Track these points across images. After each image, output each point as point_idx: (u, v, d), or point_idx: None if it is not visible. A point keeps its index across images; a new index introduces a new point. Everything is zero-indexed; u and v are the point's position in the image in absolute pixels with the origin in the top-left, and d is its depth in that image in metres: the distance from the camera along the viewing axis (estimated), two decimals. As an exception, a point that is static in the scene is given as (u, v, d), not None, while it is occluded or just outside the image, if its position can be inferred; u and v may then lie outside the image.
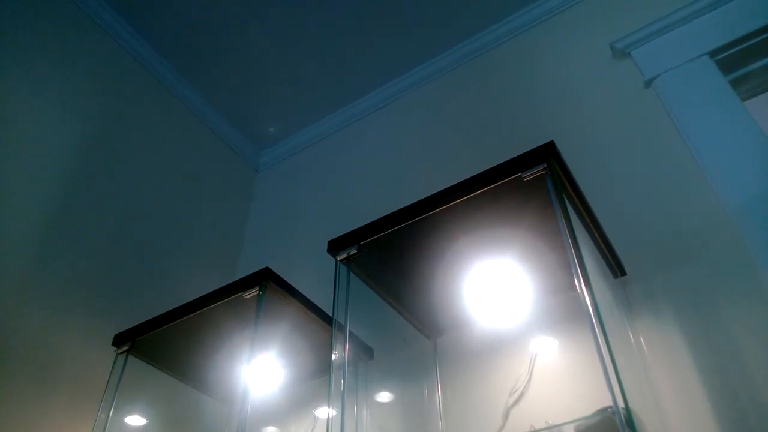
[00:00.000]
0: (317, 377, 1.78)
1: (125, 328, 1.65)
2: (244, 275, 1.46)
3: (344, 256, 1.35)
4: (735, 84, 1.69)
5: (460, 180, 1.22)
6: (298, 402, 1.80)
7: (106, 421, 1.53)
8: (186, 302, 1.53)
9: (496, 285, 1.45)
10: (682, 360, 1.27)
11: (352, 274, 1.36)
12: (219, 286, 1.49)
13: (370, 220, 1.33)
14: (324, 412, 1.69)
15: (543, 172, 1.14)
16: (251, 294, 1.41)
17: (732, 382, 1.19)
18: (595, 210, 1.28)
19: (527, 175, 1.15)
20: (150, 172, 2.23)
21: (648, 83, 1.77)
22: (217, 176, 2.58)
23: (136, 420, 1.74)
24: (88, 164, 1.98)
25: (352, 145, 2.54)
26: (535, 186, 1.16)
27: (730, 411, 1.17)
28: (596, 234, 1.30)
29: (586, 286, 1.01)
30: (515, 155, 1.18)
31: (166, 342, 1.63)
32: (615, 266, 1.41)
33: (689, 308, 1.33)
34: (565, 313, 1.45)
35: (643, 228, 1.51)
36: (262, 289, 1.40)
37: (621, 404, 0.88)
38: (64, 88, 1.99)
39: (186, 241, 2.27)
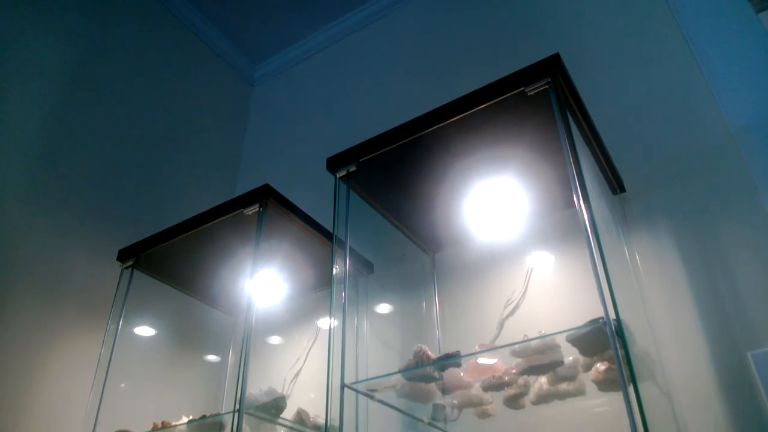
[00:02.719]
0: (319, 290, 1.84)
1: (129, 244, 1.68)
2: (244, 192, 1.46)
3: (343, 173, 1.35)
4: (750, -7, 1.62)
5: (462, 95, 1.20)
6: (300, 314, 1.86)
7: (116, 332, 1.59)
8: (188, 218, 1.55)
9: (494, 202, 1.46)
10: (675, 275, 1.30)
11: (351, 191, 1.37)
12: (219, 203, 1.50)
13: (370, 137, 1.32)
14: (326, 323, 1.76)
15: (546, 86, 1.12)
16: (252, 210, 1.42)
17: (722, 297, 1.23)
18: (597, 126, 1.27)
19: (531, 90, 1.13)
20: (146, 88, 2.19)
21: (659, -7, 1.70)
22: (213, 91, 2.53)
23: (145, 331, 1.81)
24: (83, 82, 1.94)
25: (350, 59, 2.47)
26: (538, 101, 1.14)
27: (718, 325, 1.21)
28: (597, 150, 1.29)
29: (584, 202, 1.02)
30: (519, 69, 1.15)
31: (170, 257, 1.67)
32: (615, 183, 1.41)
33: (686, 226, 1.34)
34: (563, 229, 1.47)
35: (645, 145, 1.50)
36: (263, 205, 1.41)
37: (612, 316, 0.91)
38: (58, 3, 1.92)
39: (185, 157, 2.26)
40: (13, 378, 1.45)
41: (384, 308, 1.71)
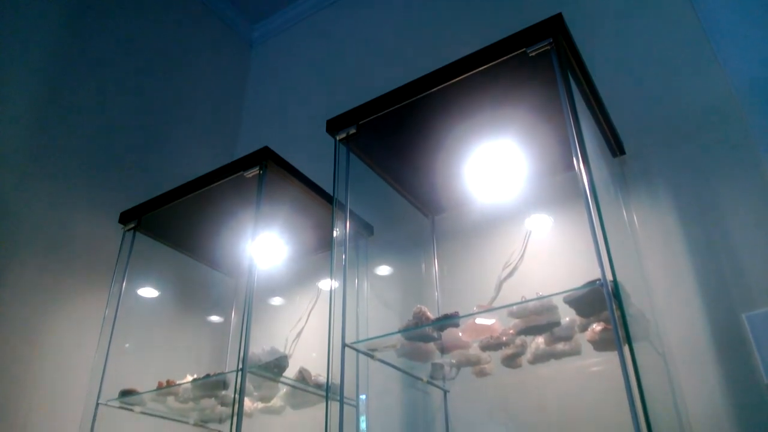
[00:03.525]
0: (319, 252, 1.85)
1: (130, 207, 1.69)
2: (244, 155, 1.46)
3: (343, 135, 1.35)
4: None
5: (463, 56, 1.19)
6: (301, 275, 1.88)
7: (120, 294, 1.61)
8: (188, 181, 1.55)
9: (494, 164, 1.45)
10: (672, 237, 1.31)
11: (351, 154, 1.36)
12: (220, 166, 1.50)
13: (370, 99, 1.31)
14: (327, 285, 1.78)
15: (548, 47, 1.11)
16: (252, 173, 1.42)
17: (719, 259, 1.24)
18: (598, 88, 1.26)
19: (532, 51, 1.12)
20: (144, 49, 2.16)
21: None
22: (211, 52, 2.50)
23: (148, 292, 1.83)
24: (79, 45, 1.91)
25: (350, 19, 2.43)
26: (540, 62, 1.13)
27: (714, 286, 1.22)
28: (598, 112, 1.28)
29: (584, 165, 1.02)
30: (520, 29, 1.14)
31: (172, 219, 1.68)
32: (615, 145, 1.41)
33: (685, 188, 1.34)
34: (562, 192, 1.47)
35: (646, 107, 1.49)
36: (263, 168, 1.41)
37: (609, 277, 0.92)
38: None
39: (185, 119, 2.25)
40: (19, 340, 1.47)
41: (384, 270, 1.72)
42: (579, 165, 1.02)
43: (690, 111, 1.42)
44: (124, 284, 1.62)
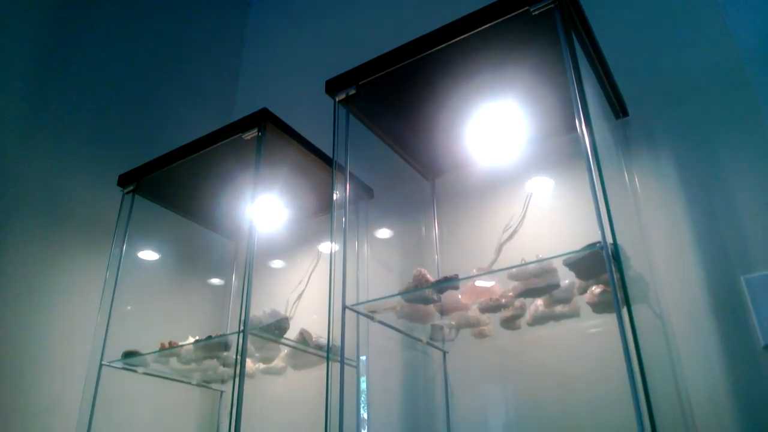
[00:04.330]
0: (319, 215, 1.85)
1: (129, 169, 1.68)
2: (242, 117, 1.44)
3: (343, 96, 1.33)
4: None
5: (464, 15, 1.16)
6: (301, 238, 1.88)
7: (120, 257, 1.61)
8: (186, 143, 1.54)
9: (495, 126, 1.44)
10: (673, 199, 1.30)
11: (351, 115, 1.35)
12: (218, 128, 1.49)
13: (369, 59, 1.29)
14: (327, 248, 1.78)
15: (552, 5, 1.08)
16: (250, 135, 1.41)
17: (719, 222, 1.24)
18: (602, 48, 1.23)
19: (535, 9, 1.09)
20: (140, 9, 2.11)
21: None
22: (207, 11, 2.45)
23: (149, 255, 1.84)
24: (77, 5, 1.87)
25: (350, -24, 2.37)
26: (543, 22, 1.10)
27: (714, 249, 1.22)
28: (602, 73, 1.26)
29: (586, 127, 1.00)
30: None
31: (171, 182, 1.67)
32: (618, 106, 1.39)
33: (687, 150, 1.33)
34: (563, 154, 1.46)
35: (651, 68, 1.46)
36: (262, 130, 1.40)
37: (609, 240, 0.92)
38: None
39: (182, 80, 2.22)
40: (21, 303, 1.48)
41: (384, 233, 1.72)
42: (581, 127, 1.00)
43: (695, 73, 1.39)
44: (124, 247, 1.63)
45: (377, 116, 1.41)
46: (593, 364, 1.25)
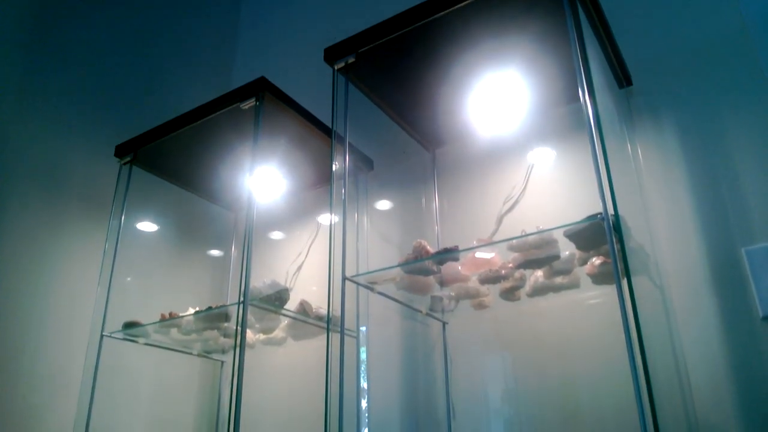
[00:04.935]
0: (319, 187, 1.84)
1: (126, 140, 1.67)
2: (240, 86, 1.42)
3: (342, 65, 1.31)
4: None
5: (466, -20, 1.13)
6: (301, 210, 1.87)
7: (119, 228, 1.61)
8: (184, 113, 1.52)
9: (497, 96, 1.42)
10: (676, 171, 1.29)
11: (351, 85, 1.33)
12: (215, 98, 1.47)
13: (369, 26, 1.26)
14: (326, 219, 1.77)
15: (556, -30, 1.05)
16: (248, 104, 1.39)
17: (721, 193, 1.23)
18: (606, 15, 1.21)
19: (539, -25, 1.06)
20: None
21: None
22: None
23: (147, 226, 1.83)
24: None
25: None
26: (546, -13, 1.08)
27: (716, 220, 1.22)
28: (606, 41, 1.24)
29: (589, 96, 0.99)
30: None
31: (169, 153, 1.65)
32: (621, 76, 1.37)
33: (691, 121, 1.32)
34: (566, 124, 1.45)
35: (656, 36, 1.43)
36: (260, 99, 1.38)
37: (611, 211, 0.91)
38: None
39: (178, 50, 2.18)
40: (21, 275, 1.48)
41: (384, 204, 1.72)
42: (584, 96, 0.99)
43: (700, 43, 1.37)
44: (122, 218, 1.62)
45: (377, 85, 1.39)
46: (592, 335, 1.25)
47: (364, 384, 1.52)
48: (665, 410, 0.87)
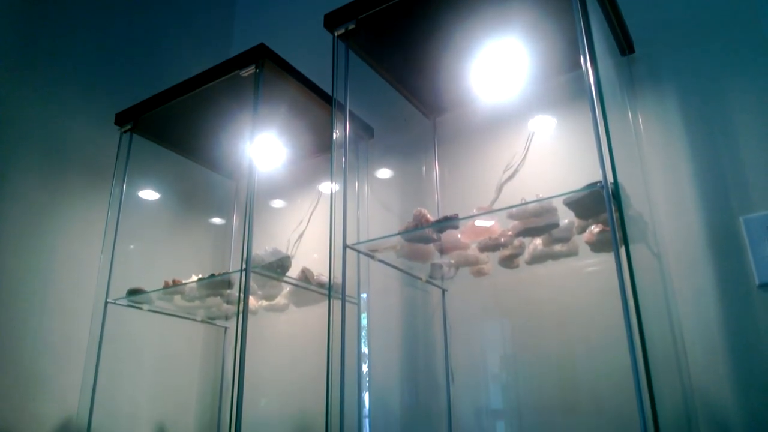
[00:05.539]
0: (319, 155, 1.84)
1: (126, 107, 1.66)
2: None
3: (342, 31, 1.29)
4: None
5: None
6: (301, 178, 1.88)
7: (121, 196, 1.62)
8: (183, 80, 1.51)
9: (498, 64, 1.41)
10: (676, 139, 1.29)
11: (351, 52, 1.32)
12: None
13: (371, -8, 1.25)
14: (327, 187, 1.78)
15: (559, -65, 1.03)
16: (248, 72, 1.38)
17: (721, 162, 1.23)
18: (611, -20, 1.19)
19: (541, -61, 1.05)
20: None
21: None
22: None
23: (149, 194, 1.84)
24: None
25: None
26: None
27: (715, 189, 1.22)
28: (609, 7, 1.22)
29: (591, 63, 0.98)
30: None
31: (169, 121, 1.65)
32: (624, 43, 1.35)
33: (693, 89, 1.31)
34: (567, 92, 1.44)
35: (659, 2, 1.41)
36: (259, 66, 1.37)
37: (610, 180, 0.92)
38: None
39: (178, 17, 2.15)
40: (24, 244, 1.50)
41: (384, 173, 1.72)
42: (586, 63, 0.98)
43: (705, 11, 1.35)
44: (124, 186, 1.63)
45: (378, 52, 1.38)
46: (590, 303, 1.27)
47: (364, 349, 1.54)
48: (661, 377, 0.89)
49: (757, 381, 1.08)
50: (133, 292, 1.53)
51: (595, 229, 1.16)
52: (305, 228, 1.80)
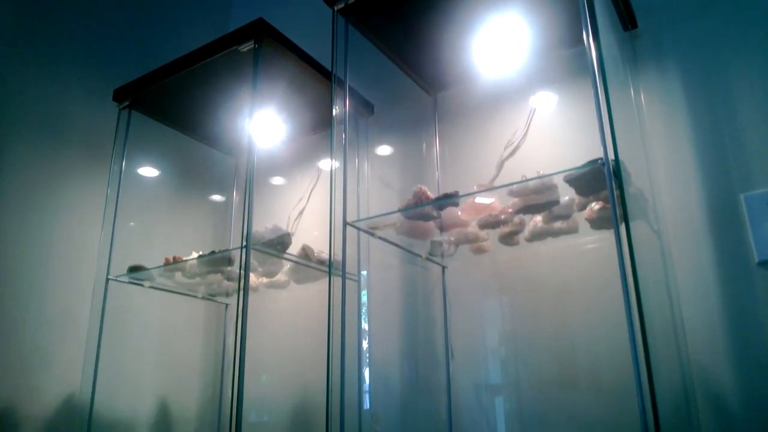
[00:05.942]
0: (319, 132, 1.83)
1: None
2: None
3: (342, 5, 1.28)
4: None
5: None
6: (301, 155, 1.87)
7: (120, 173, 1.61)
8: (181, 56, 1.49)
9: (499, 39, 1.39)
10: (678, 115, 1.28)
11: (351, 27, 1.30)
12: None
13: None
14: (327, 165, 1.77)
15: None
16: (247, 47, 1.36)
17: (723, 139, 1.22)
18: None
19: None
20: None
21: None
22: None
23: (149, 171, 1.83)
24: None
25: None
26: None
27: (716, 166, 1.21)
28: (613, -19, 1.21)
29: (593, 39, 0.97)
30: None
31: (167, 97, 1.64)
32: (627, 18, 1.34)
33: (696, 65, 1.29)
34: (568, 68, 1.42)
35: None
36: (258, 41, 1.35)
37: (611, 156, 0.91)
38: None
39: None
40: (24, 221, 1.50)
41: (384, 150, 1.71)
42: (588, 39, 0.97)
43: (710, -20, 1.33)
44: (123, 163, 1.62)
45: (378, 27, 1.36)
46: (590, 279, 1.27)
47: (365, 326, 1.55)
48: (659, 353, 0.90)
49: (754, 357, 1.08)
50: (134, 269, 1.53)
51: (595, 206, 1.16)
52: (305, 205, 1.80)
